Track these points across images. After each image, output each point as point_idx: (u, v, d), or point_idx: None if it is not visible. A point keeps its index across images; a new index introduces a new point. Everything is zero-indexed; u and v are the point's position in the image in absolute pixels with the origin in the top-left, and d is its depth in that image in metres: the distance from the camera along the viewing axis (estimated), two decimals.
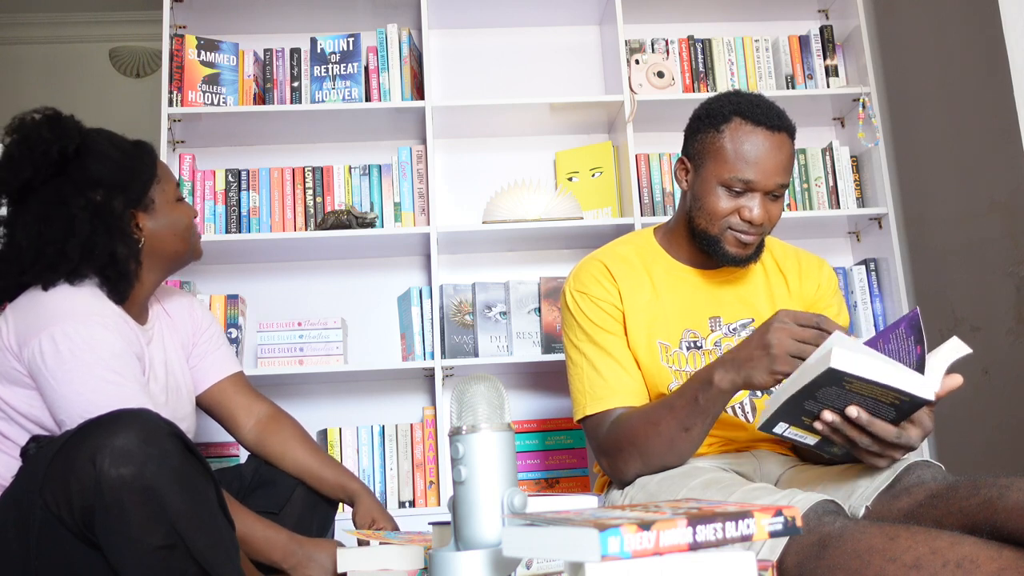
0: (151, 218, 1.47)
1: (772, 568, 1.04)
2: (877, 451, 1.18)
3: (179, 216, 1.50)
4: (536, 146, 2.78)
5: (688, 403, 1.34)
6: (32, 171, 1.37)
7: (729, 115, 1.44)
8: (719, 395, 1.30)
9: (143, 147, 1.51)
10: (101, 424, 1.17)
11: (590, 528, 0.69)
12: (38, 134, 1.39)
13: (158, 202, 1.48)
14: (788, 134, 1.45)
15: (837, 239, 2.80)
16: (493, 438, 0.94)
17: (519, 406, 2.59)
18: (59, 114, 1.43)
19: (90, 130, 1.47)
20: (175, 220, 1.49)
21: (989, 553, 0.90)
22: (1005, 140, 2.17)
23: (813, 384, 1.12)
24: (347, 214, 2.47)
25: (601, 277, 1.54)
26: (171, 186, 1.51)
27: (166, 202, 1.49)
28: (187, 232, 1.51)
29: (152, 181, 1.47)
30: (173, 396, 1.53)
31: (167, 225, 1.48)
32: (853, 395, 1.13)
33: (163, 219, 1.48)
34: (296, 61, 2.63)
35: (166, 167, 1.54)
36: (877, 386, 1.10)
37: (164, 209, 1.48)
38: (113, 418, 1.18)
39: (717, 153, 1.44)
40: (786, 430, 1.23)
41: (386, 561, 1.24)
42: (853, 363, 1.08)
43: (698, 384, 1.33)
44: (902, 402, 1.12)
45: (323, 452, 1.66)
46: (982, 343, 2.29)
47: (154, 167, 1.49)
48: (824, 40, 2.77)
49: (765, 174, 1.42)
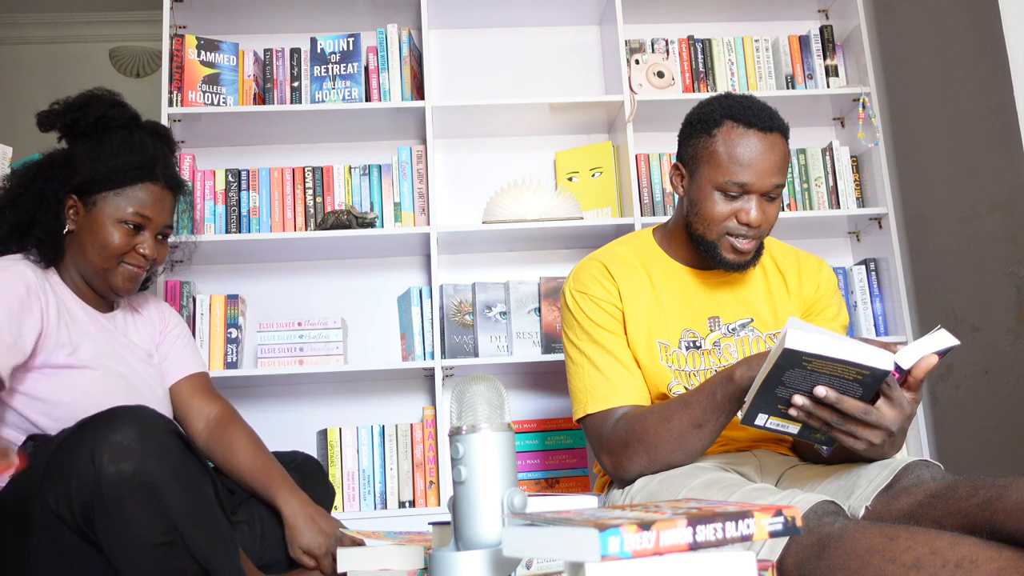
0: (86, 216, 1.50)
1: (772, 568, 1.04)
2: (850, 431, 1.18)
3: (108, 232, 1.49)
4: (536, 146, 2.78)
5: (706, 399, 1.34)
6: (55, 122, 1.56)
7: (720, 119, 1.44)
8: (737, 391, 1.30)
9: (145, 162, 1.52)
10: (100, 421, 1.17)
11: (590, 528, 0.69)
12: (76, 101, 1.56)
13: (99, 207, 1.50)
14: (781, 134, 1.45)
15: (837, 239, 2.80)
16: (493, 438, 0.94)
17: (519, 406, 2.59)
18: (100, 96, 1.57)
19: (133, 121, 1.58)
20: (101, 232, 1.49)
21: (989, 553, 0.91)
22: (1005, 140, 2.17)
23: (777, 368, 1.15)
24: (347, 214, 2.47)
25: (601, 277, 1.54)
26: (129, 210, 1.50)
27: (108, 215, 1.49)
28: (104, 252, 1.49)
29: (110, 187, 1.49)
30: (126, 390, 1.49)
31: (91, 230, 1.49)
32: (818, 375, 1.15)
33: (93, 224, 1.49)
34: (296, 61, 2.63)
35: (150, 197, 1.53)
36: (836, 363, 1.12)
37: (101, 217, 1.49)
38: (112, 415, 1.18)
39: (711, 158, 1.44)
40: (767, 421, 1.25)
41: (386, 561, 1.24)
42: (807, 342, 1.11)
43: (718, 380, 1.34)
44: (864, 376, 1.14)
45: (263, 459, 1.56)
46: (982, 343, 2.29)
47: (127, 180, 1.50)
48: (824, 40, 2.77)
49: (760, 176, 1.42)
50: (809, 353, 1.12)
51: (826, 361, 1.12)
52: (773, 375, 1.17)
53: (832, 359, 1.12)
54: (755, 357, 1.31)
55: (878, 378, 1.14)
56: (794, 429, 1.26)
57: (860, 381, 1.14)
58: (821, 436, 1.26)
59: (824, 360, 1.12)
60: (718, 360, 1.52)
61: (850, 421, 1.17)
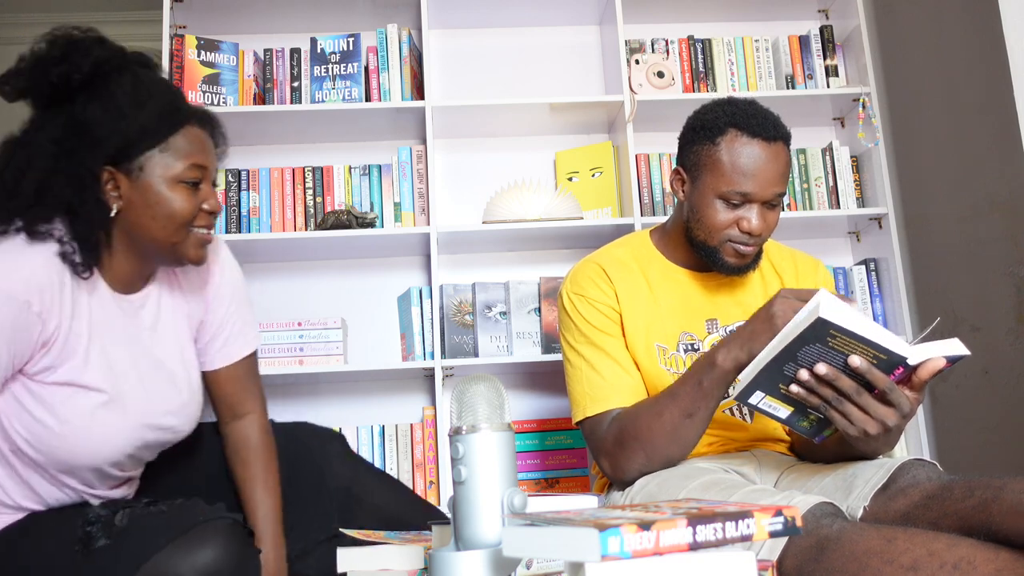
0: (134, 186, 1.23)
1: (772, 568, 1.04)
2: (853, 410, 1.17)
3: (168, 199, 1.23)
4: (536, 146, 2.78)
5: (692, 388, 1.34)
6: (27, 85, 1.23)
7: (724, 127, 1.43)
8: (723, 375, 1.31)
9: (172, 104, 1.26)
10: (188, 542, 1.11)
11: (590, 528, 0.69)
12: (47, 51, 1.22)
13: (147, 171, 1.23)
14: (784, 143, 1.45)
15: (837, 239, 2.80)
16: (493, 438, 0.94)
17: (519, 406, 2.60)
18: (79, 39, 1.24)
19: (126, 59, 1.27)
20: (160, 200, 1.23)
21: (986, 555, 0.91)
22: (1005, 140, 2.17)
23: (799, 340, 1.14)
24: (347, 214, 2.47)
25: (598, 279, 1.54)
26: (180, 163, 1.24)
27: (160, 177, 1.23)
28: (171, 222, 1.24)
29: (151, 144, 1.23)
30: (157, 381, 1.33)
31: (147, 203, 1.23)
32: (833, 354, 1.14)
33: (146, 193, 1.23)
34: (296, 61, 2.63)
35: (195, 143, 1.28)
36: (859, 342, 1.11)
37: (153, 183, 1.23)
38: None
39: (714, 166, 1.44)
40: (761, 400, 1.24)
41: (386, 561, 1.24)
42: (841, 314, 1.10)
43: (701, 367, 1.34)
44: (880, 361, 1.14)
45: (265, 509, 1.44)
46: (982, 343, 2.29)
47: (166, 131, 1.24)
48: (824, 40, 2.77)
49: (763, 185, 1.42)
50: (838, 326, 1.10)
51: (850, 339, 1.11)
52: (789, 349, 1.15)
53: (859, 337, 1.11)
54: (732, 338, 1.31)
55: (893, 365, 1.14)
56: (784, 413, 1.25)
57: (876, 366, 1.14)
58: (808, 425, 1.26)
59: (850, 337, 1.11)
60: None
61: (858, 407, 1.17)
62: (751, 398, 1.24)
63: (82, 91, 1.22)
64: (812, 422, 1.26)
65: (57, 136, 1.21)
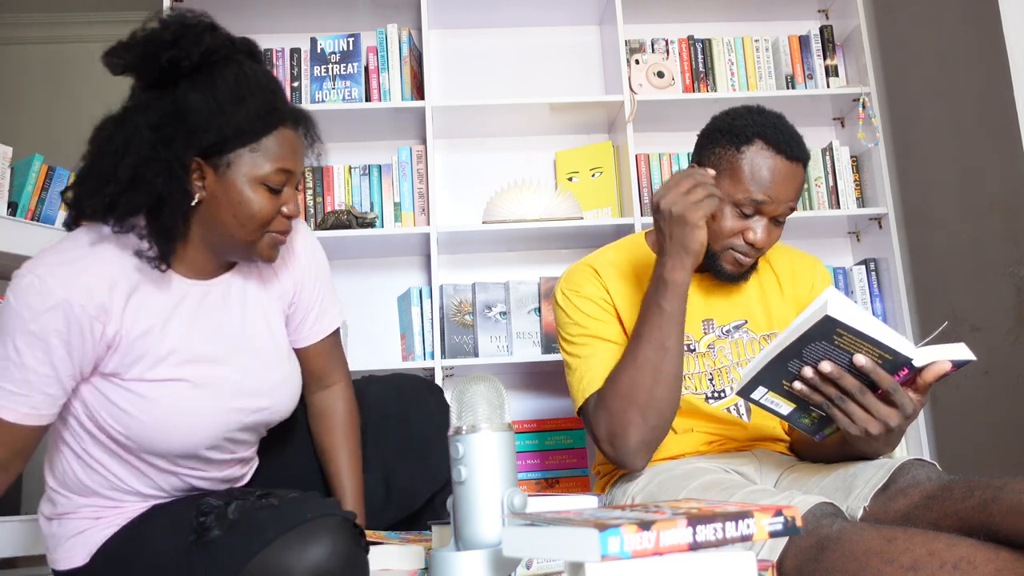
0: (219, 181, 1.22)
1: (772, 568, 1.04)
2: (856, 409, 1.18)
3: (249, 199, 1.23)
4: (536, 146, 2.78)
5: (655, 316, 1.37)
6: (136, 63, 1.22)
7: (752, 136, 1.44)
8: (676, 288, 1.35)
9: (270, 103, 1.25)
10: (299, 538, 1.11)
11: (590, 528, 0.69)
12: (160, 32, 1.22)
13: (234, 168, 1.22)
14: (803, 164, 1.47)
15: (837, 239, 2.80)
16: (493, 438, 0.94)
17: (519, 406, 2.60)
18: (192, 23, 1.23)
19: (234, 48, 1.26)
20: (241, 200, 1.22)
21: (986, 555, 0.91)
22: (1005, 140, 2.18)
23: (804, 337, 1.14)
24: (347, 214, 2.47)
25: (591, 277, 1.55)
26: (268, 166, 1.23)
27: (246, 176, 1.22)
28: (250, 222, 1.24)
29: (242, 144, 1.22)
30: (245, 363, 1.32)
31: (228, 199, 1.22)
32: (839, 352, 1.14)
33: (229, 190, 1.22)
34: (296, 61, 2.63)
35: (285, 146, 1.27)
36: (865, 341, 1.12)
37: (237, 181, 1.22)
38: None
39: (734, 172, 1.44)
40: (763, 396, 1.24)
41: (386, 561, 1.24)
42: (848, 313, 1.10)
43: (655, 294, 1.37)
44: (885, 362, 1.14)
45: (351, 473, 1.49)
46: (982, 343, 2.29)
47: (260, 131, 1.23)
48: (824, 40, 2.78)
49: (777, 201, 1.43)
50: (845, 325, 1.10)
51: (857, 338, 1.11)
52: (794, 346, 1.15)
53: (865, 336, 1.11)
54: (668, 251, 1.35)
55: (898, 365, 1.14)
56: (786, 409, 1.25)
57: (881, 366, 1.14)
58: (809, 422, 1.26)
59: (856, 335, 1.11)
60: (712, 363, 1.52)
61: (860, 405, 1.17)
62: (754, 393, 1.24)
63: (187, 77, 1.21)
64: (814, 420, 1.26)
65: (155, 122, 1.19)
